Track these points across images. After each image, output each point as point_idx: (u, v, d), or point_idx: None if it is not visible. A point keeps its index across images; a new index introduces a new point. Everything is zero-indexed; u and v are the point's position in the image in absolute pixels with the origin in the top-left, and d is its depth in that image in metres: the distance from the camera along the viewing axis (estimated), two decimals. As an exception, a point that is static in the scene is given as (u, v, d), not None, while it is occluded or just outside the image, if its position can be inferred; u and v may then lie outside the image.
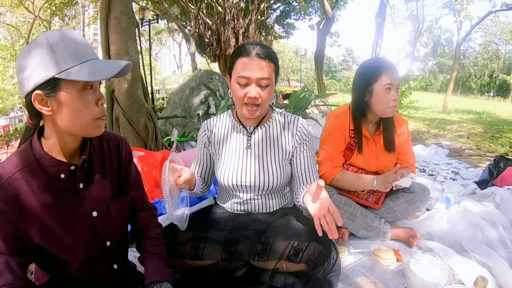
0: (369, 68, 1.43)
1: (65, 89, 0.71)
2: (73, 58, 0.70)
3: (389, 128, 1.51)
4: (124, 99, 2.86)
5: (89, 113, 0.74)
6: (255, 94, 1.09)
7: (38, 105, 0.71)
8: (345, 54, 57.77)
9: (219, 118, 1.31)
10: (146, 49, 14.16)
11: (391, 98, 1.37)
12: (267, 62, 1.09)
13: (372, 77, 1.39)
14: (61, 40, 0.71)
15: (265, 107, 1.15)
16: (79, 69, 0.70)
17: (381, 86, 1.37)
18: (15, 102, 18.10)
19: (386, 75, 1.37)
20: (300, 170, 1.24)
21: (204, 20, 10.33)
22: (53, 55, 0.69)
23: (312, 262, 1.07)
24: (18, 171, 0.74)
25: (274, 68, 1.13)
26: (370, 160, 1.52)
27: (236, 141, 1.25)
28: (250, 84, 1.09)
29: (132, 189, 0.97)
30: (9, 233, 0.74)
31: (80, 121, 0.74)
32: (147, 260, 0.94)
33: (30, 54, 0.70)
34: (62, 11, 12.25)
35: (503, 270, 1.20)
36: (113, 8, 2.78)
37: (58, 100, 0.71)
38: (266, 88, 1.10)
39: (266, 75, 1.09)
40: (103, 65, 0.73)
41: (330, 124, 1.51)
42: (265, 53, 1.10)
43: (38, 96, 0.71)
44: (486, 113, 9.31)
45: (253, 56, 1.09)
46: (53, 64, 0.69)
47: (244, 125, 1.25)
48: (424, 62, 42.17)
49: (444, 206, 1.77)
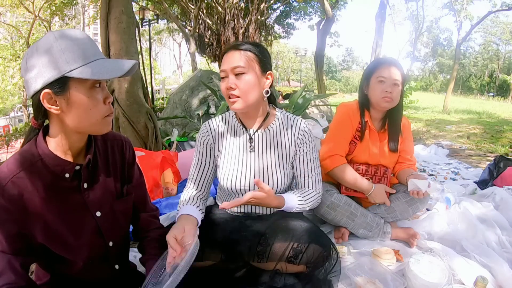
0: (371, 64, 1.57)
1: (74, 88, 0.71)
2: (82, 57, 0.71)
3: (395, 128, 1.56)
4: (124, 99, 2.86)
5: (98, 111, 0.75)
6: (231, 84, 1.09)
7: (47, 104, 0.71)
8: (345, 54, 57.80)
9: (221, 118, 1.28)
10: (146, 49, 14.17)
11: (383, 89, 1.44)
12: (240, 51, 1.10)
13: (370, 71, 1.51)
14: (69, 40, 0.71)
15: (248, 99, 1.11)
16: (88, 67, 0.70)
17: (374, 78, 1.48)
18: (15, 102, 18.11)
19: (380, 69, 1.47)
20: (301, 173, 1.23)
21: (204, 20, 10.33)
22: (62, 54, 0.69)
23: (311, 264, 1.07)
24: (23, 170, 0.74)
25: (254, 57, 1.10)
26: (373, 153, 1.54)
27: (238, 143, 1.23)
28: (228, 76, 1.11)
29: (135, 189, 0.97)
30: (13, 232, 0.75)
31: (90, 119, 0.75)
32: (149, 262, 0.94)
33: (38, 53, 0.70)
34: (62, 11, 12.26)
35: (503, 270, 1.20)
36: (113, 8, 2.78)
37: (67, 99, 0.72)
38: (241, 76, 1.09)
39: (239, 63, 1.08)
40: (112, 64, 0.74)
41: (341, 112, 1.58)
42: (240, 44, 1.12)
43: (47, 95, 0.71)
44: (486, 113, 9.30)
45: (229, 50, 1.13)
46: (63, 63, 0.69)
47: (246, 126, 1.23)
48: (424, 62, 42.19)
49: (444, 206, 1.77)
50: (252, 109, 1.16)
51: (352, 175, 1.50)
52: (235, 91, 1.09)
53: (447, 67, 38.44)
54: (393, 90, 1.44)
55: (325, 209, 1.44)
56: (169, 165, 2.15)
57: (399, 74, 1.46)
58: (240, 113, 1.23)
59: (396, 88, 1.45)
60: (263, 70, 1.13)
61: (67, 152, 0.79)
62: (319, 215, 1.49)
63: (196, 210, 1.12)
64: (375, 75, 1.48)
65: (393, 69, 1.45)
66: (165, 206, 1.80)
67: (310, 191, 1.21)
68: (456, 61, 11.95)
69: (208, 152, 1.25)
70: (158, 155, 2.16)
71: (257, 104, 1.17)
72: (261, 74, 1.12)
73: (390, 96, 1.44)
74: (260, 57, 1.12)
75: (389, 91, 1.44)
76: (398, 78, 1.45)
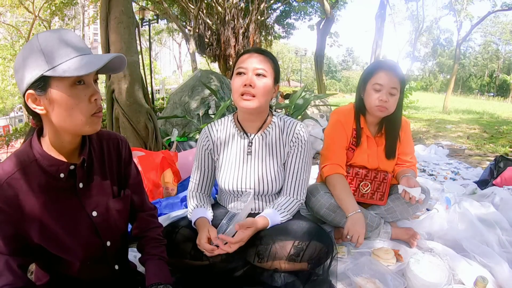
0: (370, 66, 1.52)
1: (55, 87, 0.71)
2: (62, 55, 0.70)
3: (392, 134, 1.52)
4: (124, 99, 2.86)
5: (81, 110, 0.73)
6: (250, 81, 1.12)
7: (32, 104, 0.72)
8: (345, 54, 57.83)
9: (220, 122, 1.31)
10: (146, 49, 14.15)
11: (378, 98, 1.39)
12: (265, 57, 1.17)
13: (368, 74, 1.46)
14: (51, 39, 0.71)
15: (261, 101, 1.14)
16: (66, 65, 0.70)
17: (371, 84, 1.43)
18: (15, 102, 18.11)
19: (378, 74, 1.41)
20: (288, 174, 1.25)
21: (204, 20, 10.33)
22: (42, 54, 0.69)
23: (313, 261, 1.08)
24: (18, 171, 0.74)
25: (273, 66, 1.18)
26: (370, 157, 1.53)
27: (237, 146, 1.26)
28: (247, 74, 1.14)
29: (132, 189, 0.97)
30: (9, 233, 0.74)
31: (73, 119, 0.73)
32: (147, 261, 0.94)
33: (22, 56, 0.71)
34: (62, 11, 12.25)
35: (503, 270, 1.20)
36: (113, 8, 2.78)
37: (49, 98, 0.71)
38: (262, 78, 1.14)
39: (262, 66, 1.14)
40: (92, 59, 0.72)
41: (333, 119, 1.55)
42: (264, 51, 1.18)
43: (30, 95, 0.71)
44: (486, 113, 9.30)
45: (252, 52, 1.18)
46: (42, 63, 0.69)
47: (245, 130, 1.26)
48: (424, 62, 42.18)
49: (444, 206, 1.77)
50: (259, 111, 1.20)
51: (340, 189, 1.42)
52: (253, 89, 1.13)
53: (447, 67, 38.43)
54: (388, 99, 1.38)
55: (325, 211, 1.44)
56: (169, 165, 2.14)
57: (397, 82, 1.39)
58: (242, 116, 1.25)
59: (392, 97, 1.39)
60: (276, 81, 1.20)
61: (61, 152, 0.79)
62: (319, 217, 1.48)
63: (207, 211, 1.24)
64: (372, 81, 1.42)
65: (392, 75, 1.39)
66: (165, 206, 1.80)
67: (290, 200, 1.23)
68: (456, 61, 11.96)
69: (207, 158, 1.30)
70: (158, 155, 2.15)
71: (264, 108, 1.22)
72: (274, 83, 1.19)
73: (385, 105, 1.39)
74: (277, 69, 1.20)
75: (384, 100, 1.38)
76: (395, 86, 1.39)
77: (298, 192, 1.25)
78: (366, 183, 1.53)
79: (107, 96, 2.95)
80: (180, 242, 1.14)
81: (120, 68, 0.78)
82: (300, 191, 1.25)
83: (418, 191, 1.35)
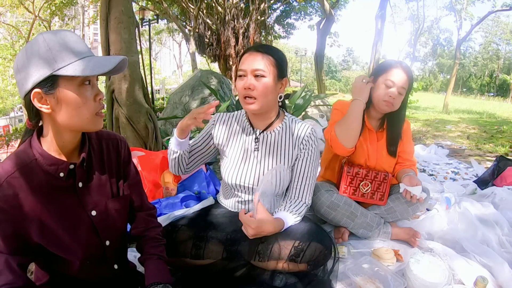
0: (386, 62, 1.54)
1: (63, 86, 0.72)
2: (70, 56, 0.72)
3: (393, 130, 1.54)
4: (124, 99, 2.86)
5: (87, 108, 0.76)
6: (249, 84, 1.11)
7: (38, 103, 0.72)
8: (345, 54, 57.80)
9: (232, 115, 1.31)
10: (146, 49, 14.15)
11: (387, 93, 1.43)
12: (262, 54, 1.13)
13: (382, 69, 1.48)
14: (58, 39, 0.72)
15: (263, 102, 1.14)
16: (76, 65, 0.71)
17: (383, 78, 1.45)
18: (15, 102, 18.11)
19: (392, 71, 1.45)
20: (295, 178, 1.24)
21: (204, 20, 10.33)
22: (50, 53, 0.70)
23: (313, 262, 1.07)
24: (17, 170, 0.75)
25: (274, 62, 1.14)
26: (370, 152, 1.54)
27: (244, 141, 1.25)
28: (247, 76, 1.13)
29: (131, 188, 0.97)
30: (9, 232, 0.75)
31: (80, 117, 0.75)
32: (147, 261, 0.94)
33: (27, 54, 0.71)
34: (62, 11, 12.25)
35: (503, 270, 1.20)
36: (113, 8, 2.78)
37: (57, 97, 0.72)
38: (260, 79, 1.12)
39: (259, 66, 1.12)
40: (100, 61, 0.74)
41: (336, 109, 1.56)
42: (263, 47, 1.15)
43: (37, 94, 0.72)
44: (486, 113, 9.30)
45: (251, 50, 1.16)
46: (51, 62, 0.70)
47: (254, 126, 1.25)
48: (424, 62, 42.19)
49: (444, 206, 1.77)
50: (265, 111, 1.20)
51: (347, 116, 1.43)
52: (252, 92, 1.12)
53: (447, 67, 38.44)
54: (396, 96, 1.44)
55: (325, 209, 1.44)
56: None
57: (407, 83, 1.45)
58: (250, 114, 1.25)
59: (399, 96, 1.45)
60: (280, 76, 1.16)
61: (60, 151, 0.79)
62: (319, 215, 1.49)
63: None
64: (385, 76, 1.45)
65: (405, 76, 1.44)
66: (165, 206, 1.80)
67: (299, 203, 1.22)
68: (456, 61, 11.96)
69: (208, 138, 1.29)
70: (158, 155, 2.15)
71: (271, 107, 1.21)
72: (278, 79, 1.16)
73: (392, 101, 1.44)
74: (279, 63, 1.16)
75: (393, 97, 1.43)
76: (405, 86, 1.45)
77: (306, 196, 1.24)
78: (366, 183, 1.53)
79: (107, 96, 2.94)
80: (180, 241, 1.14)
81: (121, 69, 0.79)
82: (308, 195, 1.25)
83: (419, 189, 1.37)
